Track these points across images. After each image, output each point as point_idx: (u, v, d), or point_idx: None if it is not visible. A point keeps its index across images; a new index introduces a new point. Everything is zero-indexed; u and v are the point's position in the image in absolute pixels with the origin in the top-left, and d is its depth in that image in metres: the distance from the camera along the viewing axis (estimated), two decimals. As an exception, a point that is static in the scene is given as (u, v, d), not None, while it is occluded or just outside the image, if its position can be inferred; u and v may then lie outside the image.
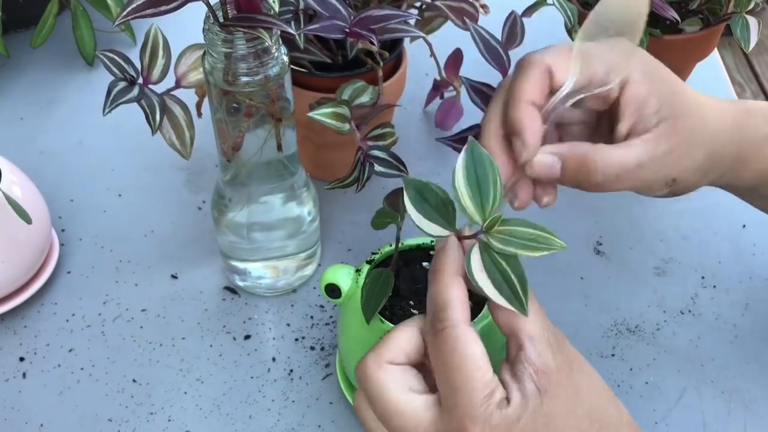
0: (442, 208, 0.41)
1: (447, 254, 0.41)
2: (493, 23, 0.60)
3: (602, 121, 0.50)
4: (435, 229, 0.41)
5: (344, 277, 0.50)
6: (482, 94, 0.58)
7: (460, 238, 0.41)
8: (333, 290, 0.50)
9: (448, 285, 0.40)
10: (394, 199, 0.46)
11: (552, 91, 0.46)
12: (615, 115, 0.47)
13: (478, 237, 0.40)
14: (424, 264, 0.51)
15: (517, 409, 0.38)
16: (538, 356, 0.39)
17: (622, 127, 0.46)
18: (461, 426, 0.38)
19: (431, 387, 0.41)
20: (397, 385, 0.40)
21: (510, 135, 0.46)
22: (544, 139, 0.45)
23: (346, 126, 0.54)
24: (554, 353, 0.39)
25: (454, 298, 0.40)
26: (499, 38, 0.59)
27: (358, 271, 0.50)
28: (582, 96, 0.45)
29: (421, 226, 0.41)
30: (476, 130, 0.57)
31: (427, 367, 0.41)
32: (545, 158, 0.45)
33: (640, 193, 0.48)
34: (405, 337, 0.42)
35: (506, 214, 0.40)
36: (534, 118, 0.45)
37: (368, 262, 0.50)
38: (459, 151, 0.56)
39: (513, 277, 0.39)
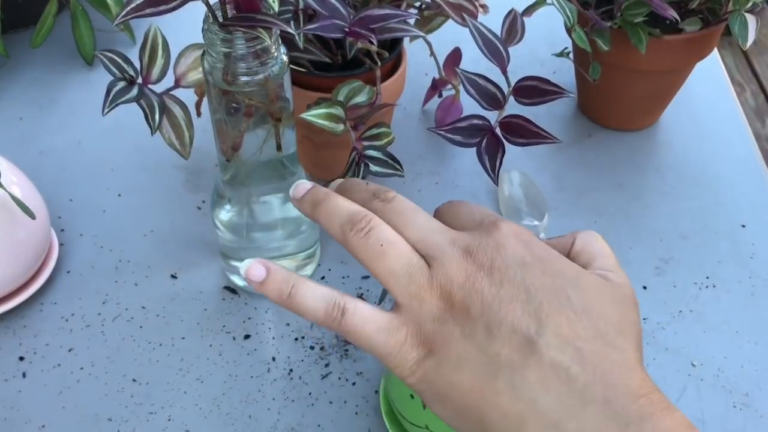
0: None
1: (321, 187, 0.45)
2: (492, 25, 0.60)
3: None
4: None
5: None
6: (476, 84, 0.58)
7: None
8: None
9: None
10: None
11: None
12: None
13: None
14: None
15: None
16: None
17: None
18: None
19: None
20: None
21: None
22: None
23: (340, 127, 0.54)
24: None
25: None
26: (499, 35, 0.59)
27: None
28: None
29: None
30: (471, 121, 0.57)
31: None
32: None
33: None
34: None
35: None
36: None
37: None
38: (451, 141, 0.57)
39: None
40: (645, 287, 0.62)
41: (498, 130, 0.57)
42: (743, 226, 0.67)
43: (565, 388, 0.36)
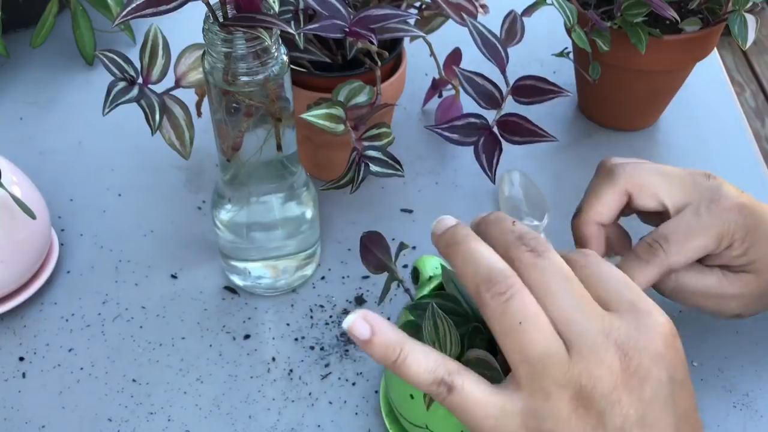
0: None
1: (465, 226, 0.42)
2: (492, 25, 0.60)
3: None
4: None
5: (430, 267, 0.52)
6: (474, 83, 0.58)
7: None
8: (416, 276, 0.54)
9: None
10: (369, 257, 0.49)
11: (624, 211, 0.52)
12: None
13: None
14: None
15: None
16: None
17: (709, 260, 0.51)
18: None
19: None
20: None
21: (577, 244, 0.52)
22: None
23: (341, 127, 0.54)
24: None
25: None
26: (499, 35, 0.59)
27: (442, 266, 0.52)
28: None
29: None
30: (468, 119, 0.57)
31: None
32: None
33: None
34: None
35: None
36: (598, 236, 0.52)
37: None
38: (448, 140, 0.57)
39: None
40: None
41: (495, 129, 0.57)
42: (743, 226, 0.67)
43: None
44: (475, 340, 0.44)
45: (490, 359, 0.41)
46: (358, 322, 0.38)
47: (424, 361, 0.38)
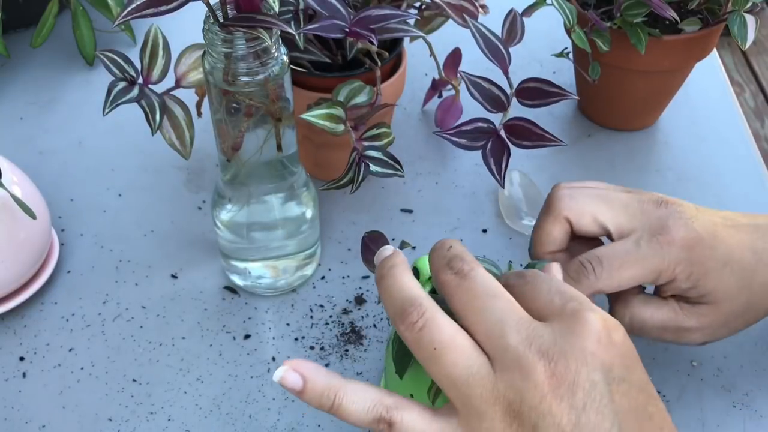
0: None
1: (397, 256, 0.42)
2: (492, 25, 0.60)
3: None
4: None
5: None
6: (480, 87, 0.58)
7: None
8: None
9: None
10: (370, 256, 0.49)
11: (573, 234, 0.51)
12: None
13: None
14: None
15: None
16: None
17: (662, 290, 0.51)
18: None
19: None
20: None
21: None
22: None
23: (341, 127, 0.55)
24: None
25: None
26: (499, 35, 0.59)
27: None
28: None
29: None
30: (475, 124, 0.58)
31: None
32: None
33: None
34: None
35: None
36: (558, 265, 0.49)
37: None
38: (456, 145, 0.57)
39: None
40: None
41: (503, 133, 0.57)
42: (743, 226, 0.67)
43: None
44: None
45: None
46: (288, 374, 0.38)
47: (361, 402, 0.38)
